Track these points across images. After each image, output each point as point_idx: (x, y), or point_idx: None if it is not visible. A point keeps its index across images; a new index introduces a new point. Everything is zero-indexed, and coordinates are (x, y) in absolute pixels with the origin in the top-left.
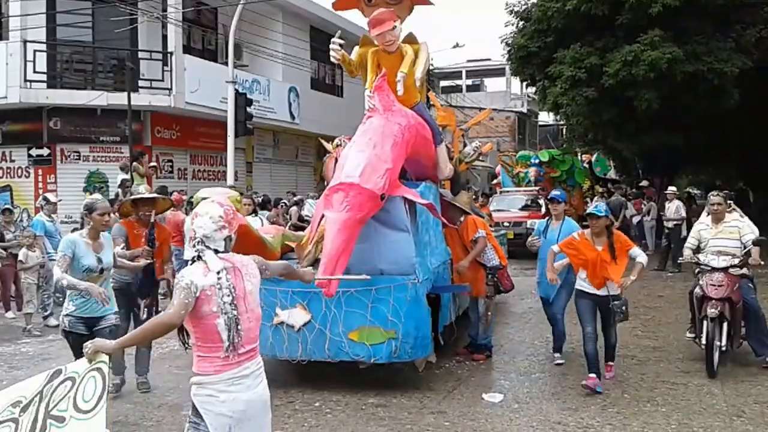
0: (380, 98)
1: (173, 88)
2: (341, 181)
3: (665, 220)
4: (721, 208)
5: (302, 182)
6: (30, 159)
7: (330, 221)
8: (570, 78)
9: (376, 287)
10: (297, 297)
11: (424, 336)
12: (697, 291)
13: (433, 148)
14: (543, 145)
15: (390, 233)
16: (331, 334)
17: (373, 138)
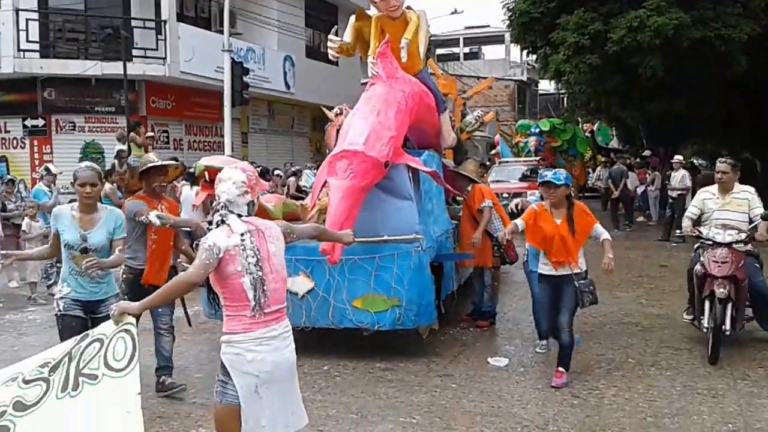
0: (384, 65)
1: (168, 57)
2: (345, 149)
3: (670, 189)
4: (727, 177)
5: (298, 153)
6: (25, 130)
7: (334, 188)
8: (573, 45)
9: (380, 255)
10: (300, 265)
11: (427, 303)
12: (698, 268)
13: (437, 117)
14: (543, 114)
15: (393, 201)
16: (335, 302)
17: (377, 105)
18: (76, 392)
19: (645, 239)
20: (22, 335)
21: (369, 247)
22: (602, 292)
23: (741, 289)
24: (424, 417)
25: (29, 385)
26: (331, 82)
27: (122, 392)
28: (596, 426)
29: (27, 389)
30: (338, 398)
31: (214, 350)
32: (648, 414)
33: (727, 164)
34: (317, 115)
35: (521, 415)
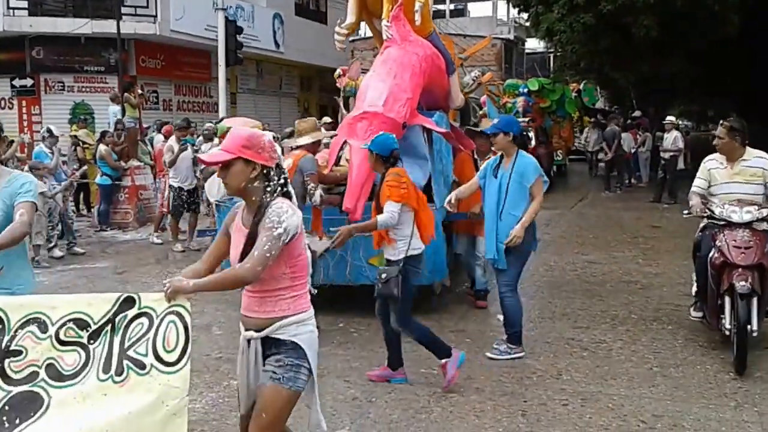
0: (397, 28)
1: (158, 15)
2: (365, 110)
3: (662, 150)
4: (723, 144)
5: (286, 113)
6: (13, 90)
7: (354, 149)
8: (567, 3)
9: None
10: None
11: (440, 261)
12: (715, 255)
13: (447, 78)
14: (530, 74)
15: (410, 161)
16: (352, 260)
17: (393, 68)
18: (120, 378)
19: (636, 200)
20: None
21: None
22: (600, 252)
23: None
24: None
25: (65, 348)
26: (320, 41)
27: (171, 391)
28: (607, 375)
29: (63, 352)
30: (358, 352)
31: (230, 308)
32: (654, 364)
33: (722, 128)
34: (305, 75)
35: (535, 365)
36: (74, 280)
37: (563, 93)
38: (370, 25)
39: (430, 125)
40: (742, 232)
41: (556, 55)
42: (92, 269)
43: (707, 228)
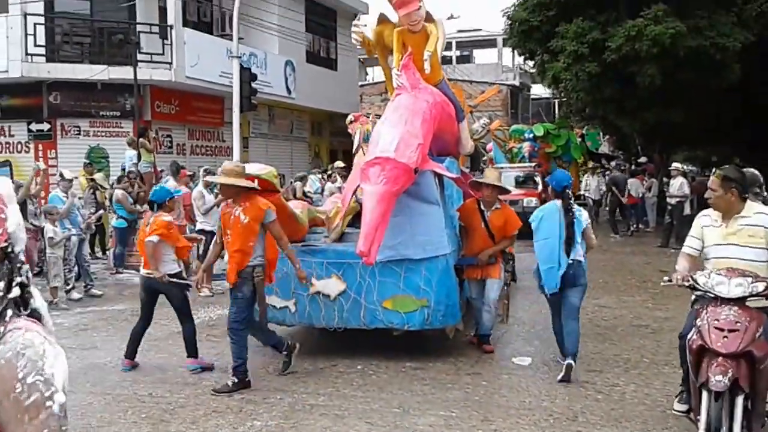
0: (407, 77)
1: (174, 62)
2: (377, 156)
3: (668, 196)
4: (716, 197)
5: (297, 157)
6: (30, 134)
7: (367, 194)
8: (572, 53)
9: (409, 258)
10: (332, 268)
11: (453, 304)
12: (693, 337)
13: (456, 125)
14: (536, 119)
15: (421, 206)
16: (366, 303)
17: (404, 114)
18: None
19: (644, 245)
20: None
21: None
22: (610, 296)
23: (760, 373)
24: (462, 411)
25: None
26: (330, 87)
27: None
28: (621, 417)
29: None
30: (377, 394)
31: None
32: (667, 407)
33: (715, 178)
34: (316, 120)
35: (551, 408)
36: (93, 322)
37: (568, 138)
38: (382, 62)
39: (441, 170)
40: (729, 310)
41: (562, 101)
42: (111, 311)
43: (697, 301)
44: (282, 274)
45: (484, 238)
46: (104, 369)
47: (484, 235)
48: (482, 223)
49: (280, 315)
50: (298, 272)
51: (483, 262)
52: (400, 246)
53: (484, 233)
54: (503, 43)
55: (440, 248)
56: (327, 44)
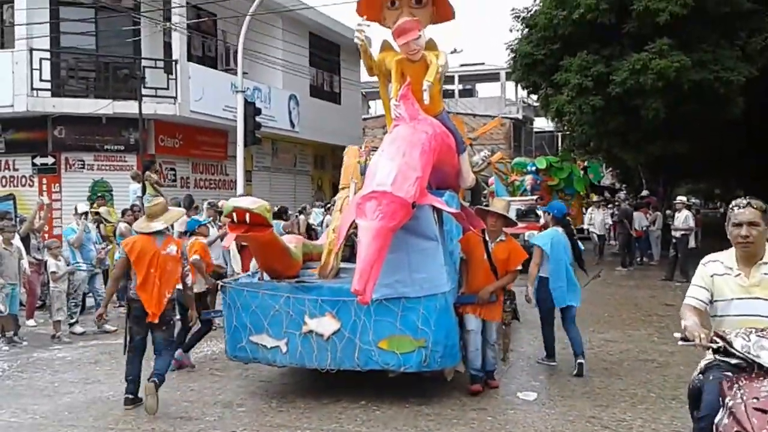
0: (406, 107)
1: (178, 97)
2: (374, 189)
3: (673, 229)
4: (758, 233)
5: (300, 191)
6: (34, 168)
7: (363, 229)
8: (576, 86)
9: (406, 296)
10: (326, 305)
11: (453, 345)
12: (725, 422)
13: (457, 158)
14: (539, 152)
15: (420, 242)
16: (361, 343)
17: (402, 146)
18: None
19: (648, 279)
20: (57, 372)
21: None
22: (616, 330)
23: None
24: None
25: None
26: (333, 120)
27: None
28: None
29: None
30: (382, 430)
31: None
32: None
33: (753, 210)
34: (319, 153)
35: None
36: (96, 356)
37: (571, 171)
38: (382, 91)
39: (440, 205)
40: None
41: (565, 134)
42: (113, 345)
43: (713, 369)
44: (273, 312)
45: (486, 271)
46: (107, 403)
47: (486, 268)
48: (485, 254)
49: (271, 355)
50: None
51: (483, 300)
52: (397, 284)
53: (486, 266)
54: (506, 77)
55: (439, 286)
56: (330, 78)
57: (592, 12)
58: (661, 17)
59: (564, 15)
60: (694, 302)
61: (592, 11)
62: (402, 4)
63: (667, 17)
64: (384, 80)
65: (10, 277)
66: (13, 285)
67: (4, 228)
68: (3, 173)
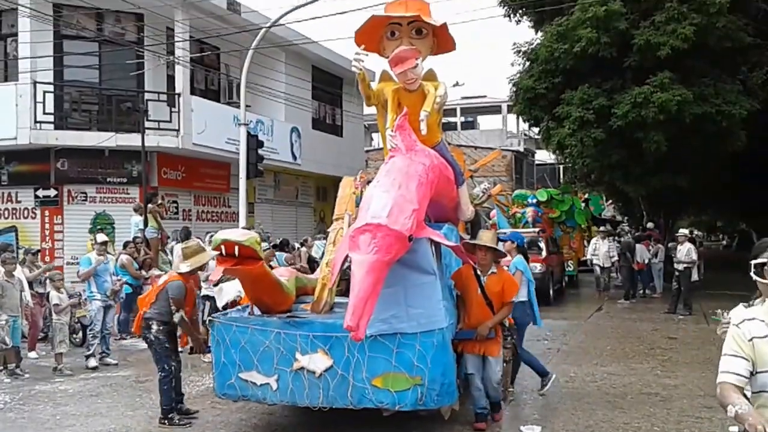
0: (402, 137)
1: (181, 129)
2: (368, 222)
3: (676, 262)
4: None
5: (302, 222)
6: (37, 200)
7: (356, 263)
8: (578, 119)
9: (402, 332)
10: (318, 341)
11: (450, 383)
12: None
13: (455, 189)
14: (540, 184)
15: (416, 276)
16: (354, 381)
17: (398, 178)
18: None
19: (651, 311)
20: (60, 405)
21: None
22: (618, 363)
23: None
24: None
25: None
26: (335, 153)
27: None
28: None
29: None
30: None
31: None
32: None
33: None
34: (321, 185)
35: None
36: (98, 389)
37: (572, 203)
38: (380, 121)
39: (438, 238)
40: None
41: (566, 167)
42: (115, 377)
43: None
44: (263, 348)
45: (482, 306)
46: None
47: (481, 302)
48: (478, 289)
49: (261, 393)
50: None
51: (482, 336)
52: (393, 319)
53: (481, 301)
54: (508, 110)
55: (436, 322)
56: (333, 111)
57: (594, 46)
58: (663, 51)
59: (565, 49)
60: (734, 379)
61: (594, 45)
62: (402, 35)
63: (668, 51)
64: (382, 111)
65: (12, 309)
66: (15, 317)
67: (6, 260)
68: (5, 205)
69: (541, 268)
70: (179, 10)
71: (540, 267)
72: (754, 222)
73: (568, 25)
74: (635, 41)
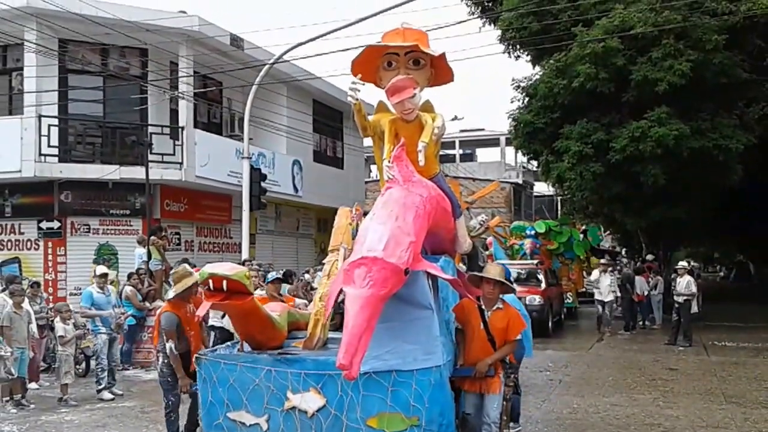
0: (399, 168)
1: (184, 162)
2: (363, 255)
3: (676, 294)
4: None
5: (303, 254)
6: (40, 232)
7: (351, 298)
8: (577, 153)
9: (397, 369)
10: (310, 380)
11: (448, 423)
12: None
13: (453, 221)
14: (538, 216)
15: (413, 311)
16: (348, 421)
17: (395, 210)
18: None
19: (651, 342)
20: None
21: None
22: (621, 394)
23: None
24: None
25: None
26: (336, 185)
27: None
28: None
29: None
30: None
31: None
32: None
33: None
34: (322, 217)
35: None
36: (103, 419)
37: (571, 235)
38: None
39: (435, 271)
40: None
41: (565, 199)
42: (120, 408)
43: None
44: (252, 386)
45: (483, 342)
46: None
47: (483, 338)
48: (481, 324)
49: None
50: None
51: (481, 373)
52: (388, 356)
53: (483, 336)
54: (506, 142)
55: (433, 359)
56: (333, 144)
57: (592, 81)
58: (660, 87)
59: (564, 84)
60: None
61: (592, 80)
62: (399, 66)
63: (665, 87)
64: (378, 142)
65: (20, 342)
66: (22, 349)
67: (15, 292)
68: (9, 237)
69: (540, 300)
70: (183, 45)
71: (539, 299)
72: (751, 253)
73: (566, 61)
74: (633, 77)
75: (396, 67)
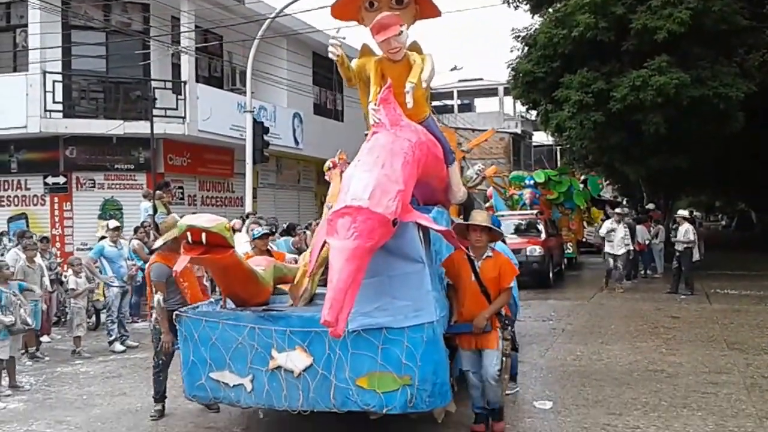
0: (386, 112)
1: (187, 117)
2: (347, 204)
3: (675, 242)
4: None
5: (304, 207)
6: (46, 187)
7: (335, 250)
8: (577, 102)
9: (387, 326)
10: (296, 337)
11: (442, 382)
12: None
13: (445, 169)
14: (538, 165)
15: (402, 264)
16: (337, 381)
17: (381, 156)
18: None
19: (653, 291)
20: (83, 386)
21: (375, 317)
22: (623, 342)
23: None
24: None
25: None
26: (336, 137)
27: None
28: None
29: None
30: None
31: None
32: None
33: None
34: (322, 170)
35: None
36: (118, 370)
37: (570, 184)
38: (363, 99)
39: (426, 222)
40: None
41: (564, 148)
42: (133, 359)
43: None
44: (236, 345)
45: (476, 294)
46: (136, 414)
47: (476, 291)
48: (472, 275)
49: (234, 395)
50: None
51: (479, 329)
52: (377, 312)
53: (475, 289)
54: (505, 92)
55: (426, 315)
56: (333, 96)
57: (592, 30)
58: (660, 35)
59: (564, 34)
60: None
61: (592, 30)
62: (381, 6)
63: (665, 35)
64: (364, 87)
65: (33, 295)
66: (35, 301)
67: (27, 246)
68: (15, 192)
69: (540, 251)
70: (185, 0)
71: (539, 249)
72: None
73: (566, 11)
74: (632, 25)
75: (378, 8)
